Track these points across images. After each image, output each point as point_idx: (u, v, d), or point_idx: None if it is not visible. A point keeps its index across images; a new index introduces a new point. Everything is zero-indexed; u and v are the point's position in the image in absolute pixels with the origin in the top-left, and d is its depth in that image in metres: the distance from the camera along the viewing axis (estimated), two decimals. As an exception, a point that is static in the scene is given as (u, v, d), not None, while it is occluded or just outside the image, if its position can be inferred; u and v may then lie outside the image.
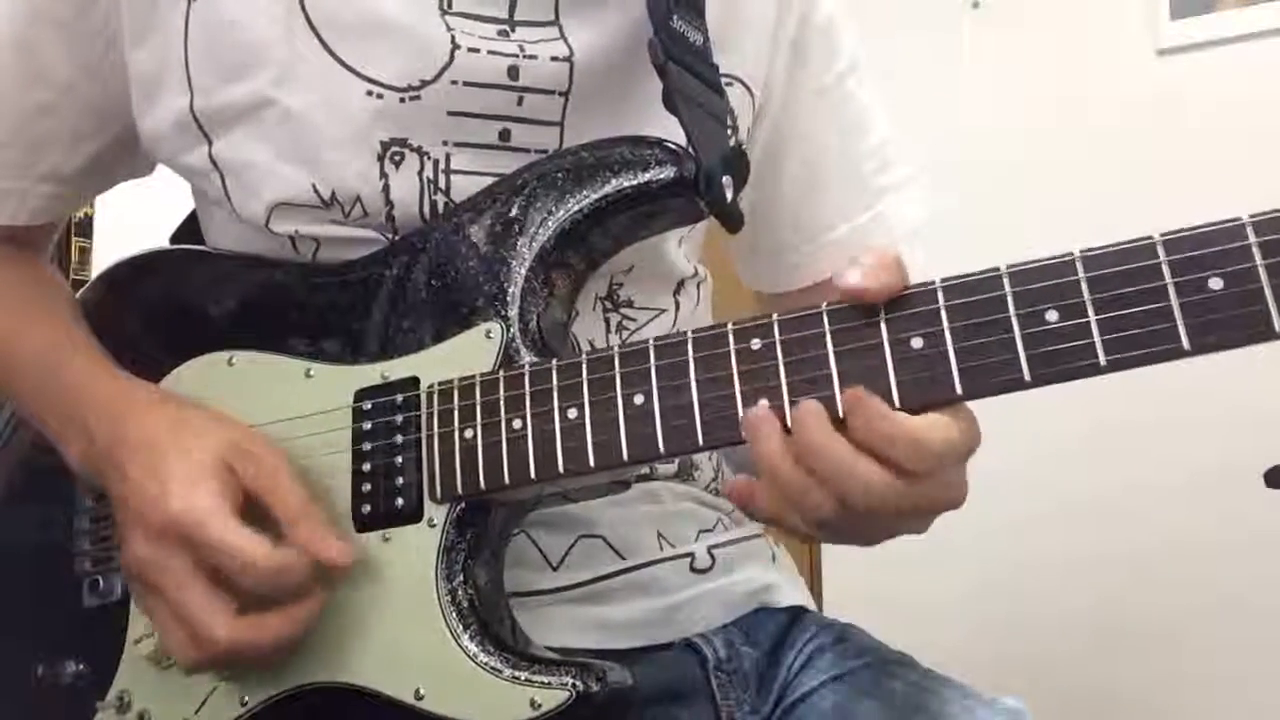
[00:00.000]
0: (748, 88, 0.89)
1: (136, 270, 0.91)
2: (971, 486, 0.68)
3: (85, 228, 2.16)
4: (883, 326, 0.62)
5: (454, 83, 0.79)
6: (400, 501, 0.73)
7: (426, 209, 0.80)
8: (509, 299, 0.74)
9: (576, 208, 0.75)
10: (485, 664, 0.68)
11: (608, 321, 0.85)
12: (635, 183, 0.74)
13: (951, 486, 0.64)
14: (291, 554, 0.69)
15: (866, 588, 1.95)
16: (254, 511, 0.71)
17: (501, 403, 0.71)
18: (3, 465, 0.93)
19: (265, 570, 0.68)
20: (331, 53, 0.79)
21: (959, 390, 0.60)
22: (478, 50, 0.80)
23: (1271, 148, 2.00)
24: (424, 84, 0.79)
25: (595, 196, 0.75)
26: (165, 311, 0.88)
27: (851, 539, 0.67)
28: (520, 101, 0.80)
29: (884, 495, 0.60)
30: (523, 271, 0.75)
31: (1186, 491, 2.01)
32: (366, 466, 0.74)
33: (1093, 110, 2.22)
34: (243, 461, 0.72)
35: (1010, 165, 2.22)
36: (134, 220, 1.33)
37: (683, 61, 0.78)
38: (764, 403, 0.63)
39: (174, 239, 0.96)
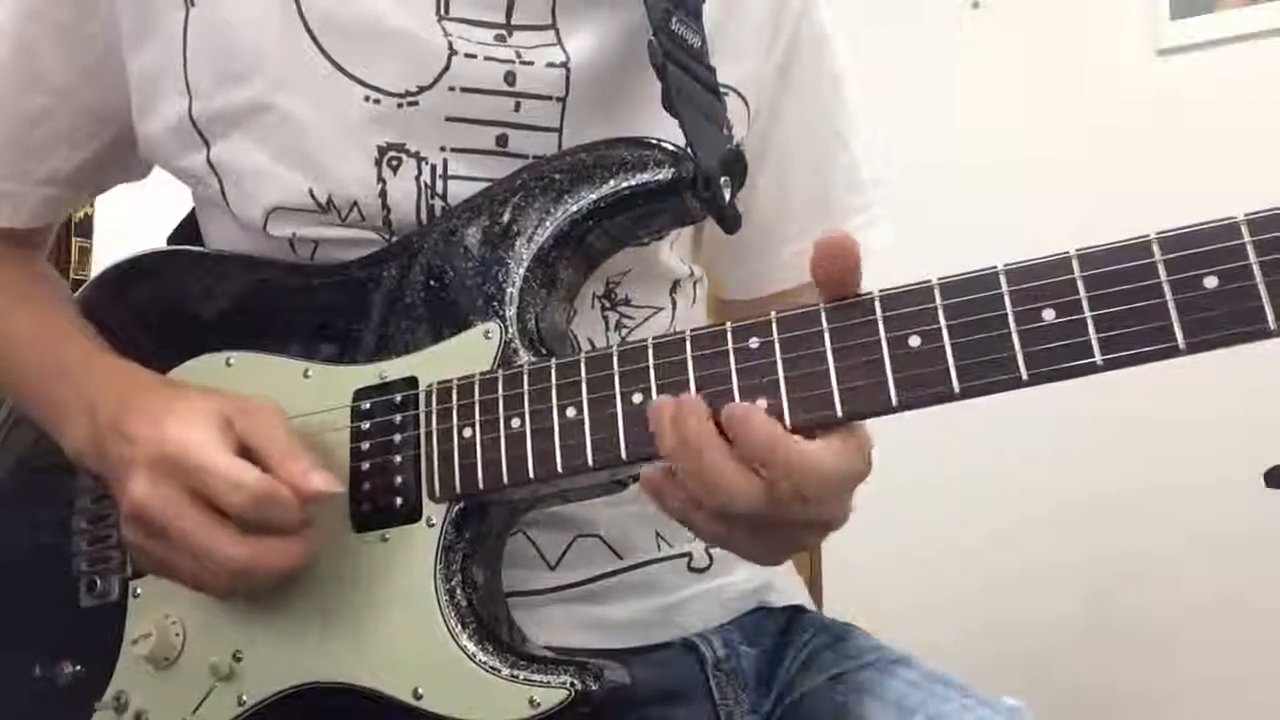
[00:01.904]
0: (743, 97, 0.89)
1: (134, 271, 0.91)
2: (970, 487, 0.68)
3: (85, 228, 2.16)
4: (880, 325, 0.62)
5: (451, 89, 0.79)
6: (399, 501, 0.73)
7: (424, 214, 0.80)
8: (507, 299, 0.75)
9: (575, 208, 0.75)
10: (484, 663, 0.68)
11: (606, 320, 0.86)
12: (633, 183, 0.74)
13: (839, 510, 0.65)
14: (280, 484, 0.69)
15: (866, 588, 1.95)
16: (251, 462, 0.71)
17: (500, 402, 0.71)
18: (1, 465, 0.93)
19: (254, 491, 0.68)
20: (329, 58, 0.79)
21: (956, 389, 0.60)
22: (475, 56, 0.80)
23: (1271, 148, 2.01)
24: (421, 90, 0.79)
25: (593, 197, 0.75)
26: (163, 313, 0.88)
27: (748, 553, 0.68)
28: (518, 107, 0.80)
29: (757, 508, 0.61)
30: (521, 272, 0.75)
31: (1185, 491, 2.01)
32: (365, 466, 0.74)
33: (1093, 110, 2.22)
34: (239, 417, 0.73)
35: (1009, 165, 2.22)
36: (134, 220, 1.33)
37: (681, 63, 0.78)
38: (665, 397, 0.64)
39: (171, 239, 0.96)
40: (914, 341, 0.61)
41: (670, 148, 0.74)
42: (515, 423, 0.70)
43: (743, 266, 0.98)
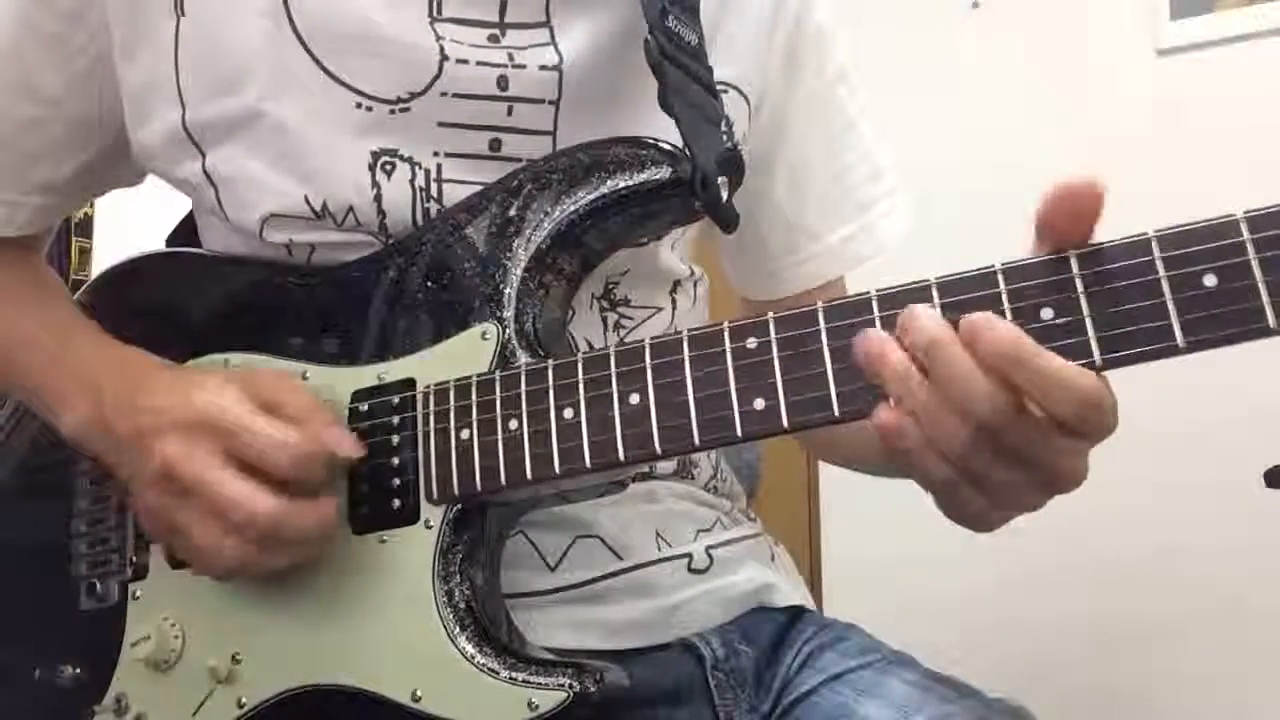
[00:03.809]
0: (743, 94, 0.88)
1: (132, 274, 0.91)
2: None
3: (85, 228, 2.16)
4: (879, 325, 0.62)
5: (443, 94, 0.79)
6: (397, 503, 0.73)
7: (419, 217, 0.80)
8: (505, 300, 0.74)
9: (572, 208, 0.75)
10: (482, 665, 0.68)
11: (604, 320, 0.85)
12: (631, 183, 0.74)
13: (1079, 463, 0.60)
14: (320, 442, 0.70)
15: (866, 588, 1.95)
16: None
17: (498, 403, 0.71)
18: (1, 468, 0.93)
19: (298, 449, 0.69)
20: (320, 65, 0.79)
21: (954, 388, 0.60)
22: (466, 61, 0.79)
23: (1271, 148, 2.00)
24: (413, 96, 0.79)
25: (591, 197, 0.75)
26: (162, 315, 0.88)
27: (973, 505, 0.61)
28: (510, 111, 0.80)
29: (1012, 419, 0.56)
30: (518, 273, 0.75)
31: (1185, 492, 2.01)
32: (363, 468, 0.74)
33: (1092, 110, 2.21)
34: (254, 381, 0.73)
35: (1008, 165, 2.21)
36: (134, 220, 1.33)
37: (678, 61, 0.78)
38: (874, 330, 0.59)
39: (170, 239, 0.96)
40: (912, 341, 0.61)
41: (667, 147, 0.74)
42: (513, 424, 0.70)
43: (764, 267, 0.98)
